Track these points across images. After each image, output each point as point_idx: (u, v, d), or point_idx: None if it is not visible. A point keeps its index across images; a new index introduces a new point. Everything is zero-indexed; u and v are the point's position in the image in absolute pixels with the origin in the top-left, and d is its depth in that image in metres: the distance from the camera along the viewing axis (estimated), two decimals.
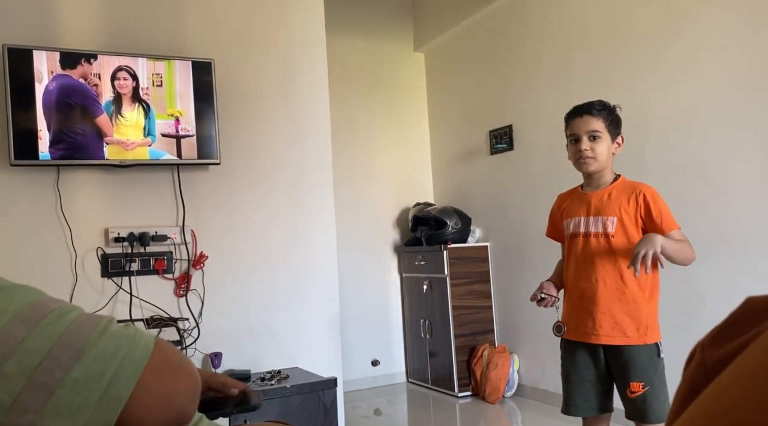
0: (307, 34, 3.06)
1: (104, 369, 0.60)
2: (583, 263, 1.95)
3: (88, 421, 0.58)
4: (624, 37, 3.21)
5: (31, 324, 0.58)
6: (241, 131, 2.86)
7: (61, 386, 0.57)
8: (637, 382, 1.85)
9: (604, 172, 1.97)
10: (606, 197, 1.95)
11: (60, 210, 2.48)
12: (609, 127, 1.94)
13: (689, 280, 2.78)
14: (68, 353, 0.58)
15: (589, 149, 1.92)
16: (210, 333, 2.69)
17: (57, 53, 2.42)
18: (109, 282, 2.55)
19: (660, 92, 3.02)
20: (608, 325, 1.89)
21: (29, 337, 0.57)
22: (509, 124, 3.99)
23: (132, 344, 0.63)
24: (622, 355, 1.89)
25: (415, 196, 4.72)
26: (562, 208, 2.10)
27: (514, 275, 3.98)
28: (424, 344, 4.29)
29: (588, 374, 1.96)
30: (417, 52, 4.90)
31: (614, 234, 1.90)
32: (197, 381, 0.70)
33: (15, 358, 0.56)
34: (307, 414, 2.52)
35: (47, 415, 0.57)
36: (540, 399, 3.74)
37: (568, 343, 2.02)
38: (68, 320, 0.61)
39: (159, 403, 0.63)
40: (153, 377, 0.63)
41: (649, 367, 1.86)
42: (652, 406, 1.84)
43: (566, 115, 2.01)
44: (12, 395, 0.56)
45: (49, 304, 0.62)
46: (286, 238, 2.93)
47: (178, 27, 2.76)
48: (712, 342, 0.27)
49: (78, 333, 0.60)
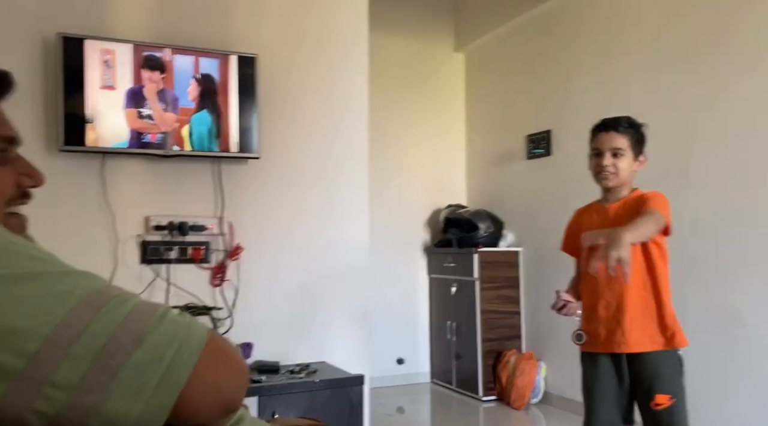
0: (349, 32, 3.07)
1: (163, 354, 0.62)
2: (604, 275, 1.94)
3: (147, 403, 0.60)
4: (670, 44, 3.14)
5: (95, 309, 0.61)
6: (280, 126, 2.89)
7: (123, 369, 0.60)
8: (663, 394, 1.82)
9: (623, 187, 2.00)
10: (621, 209, 1.97)
11: (104, 196, 2.55)
12: (633, 145, 1.96)
13: (725, 297, 2.72)
14: (129, 338, 0.61)
15: (610, 165, 1.94)
16: (242, 323, 2.74)
17: (108, 43, 2.48)
18: (147, 269, 2.61)
19: (706, 101, 2.95)
20: (638, 333, 1.87)
21: (94, 321, 0.60)
22: (548, 129, 3.95)
23: (188, 332, 0.65)
24: (648, 364, 1.86)
25: (448, 198, 4.71)
26: (579, 223, 2.11)
27: (544, 283, 3.94)
28: (450, 346, 4.29)
29: (612, 387, 1.94)
30: (457, 53, 4.88)
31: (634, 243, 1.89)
32: (246, 371, 0.72)
33: (82, 340, 0.59)
34: (333, 409, 2.54)
35: (111, 395, 0.59)
36: (566, 408, 3.70)
37: (591, 356, 2.01)
38: (129, 307, 0.63)
39: (211, 391, 0.65)
40: (206, 365, 0.65)
41: (675, 377, 1.84)
42: (678, 419, 1.81)
43: (592, 128, 2.03)
44: (79, 375, 0.58)
45: (110, 291, 0.64)
46: (319, 234, 2.95)
47: (223, 21, 2.80)
48: None
49: (138, 319, 0.63)
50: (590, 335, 1.98)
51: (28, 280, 0.60)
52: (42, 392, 0.57)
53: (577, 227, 2.11)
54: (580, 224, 2.11)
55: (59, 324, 0.58)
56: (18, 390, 0.57)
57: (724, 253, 2.78)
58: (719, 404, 2.72)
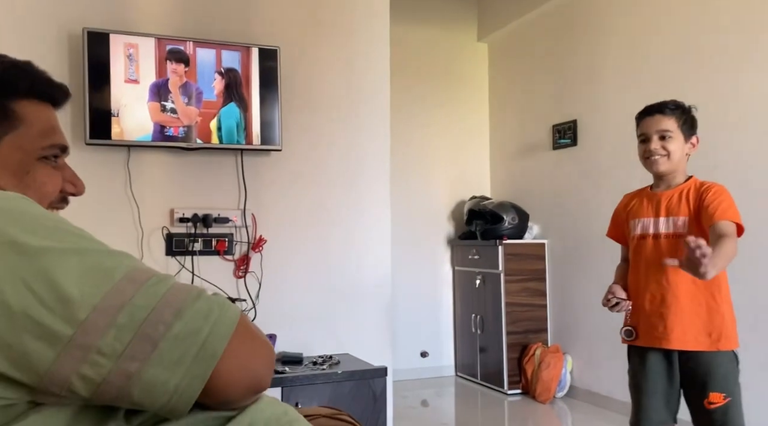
0: (371, 23, 3.05)
1: (200, 327, 0.66)
2: (653, 265, 1.87)
3: (186, 372, 0.64)
4: (699, 29, 3.05)
5: (138, 284, 0.65)
6: (302, 118, 2.89)
7: (164, 340, 0.63)
8: (717, 393, 1.76)
9: (676, 173, 1.89)
10: (676, 197, 1.87)
11: (130, 189, 2.59)
12: (682, 127, 1.86)
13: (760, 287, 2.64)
14: (170, 311, 0.65)
15: (659, 147, 1.85)
16: (266, 315, 2.75)
17: (132, 37, 2.51)
18: (172, 260, 2.64)
19: (735, 88, 2.86)
20: (680, 329, 1.80)
21: (137, 294, 0.64)
22: (574, 119, 3.88)
23: (223, 309, 0.69)
24: (701, 362, 1.80)
25: (472, 189, 4.67)
26: (628, 209, 2.03)
27: (571, 275, 3.88)
28: (475, 339, 4.26)
29: (661, 383, 1.87)
30: (480, 42, 4.82)
31: (687, 234, 1.81)
32: (273, 351, 0.76)
33: (126, 310, 0.63)
34: (356, 401, 2.54)
35: (151, 364, 0.63)
36: (592, 402, 3.65)
37: (638, 351, 1.93)
38: (168, 284, 0.67)
39: (243, 366, 0.69)
40: (239, 341, 0.68)
41: (730, 376, 1.77)
42: (733, 419, 1.74)
43: (637, 115, 1.94)
44: (123, 344, 0.62)
45: (150, 271, 0.69)
46: (341, 226, 2.95)
47: (244, 14, 2.81)
48: None
49: (177, 295, 0.67)
50: (636, 329, 1.91)
51: (78, 255, 0.65)
52: (89, 358, 0.61)
53: (626, 214, 2.03)
54: (628, 211, 2.02)
55: (106, 295, 0.62)
56: (67, 355, 0.60)
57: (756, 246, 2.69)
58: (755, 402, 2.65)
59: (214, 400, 0.68)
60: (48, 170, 0.86)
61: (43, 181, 0.85)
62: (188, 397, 0.65)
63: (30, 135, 0.83)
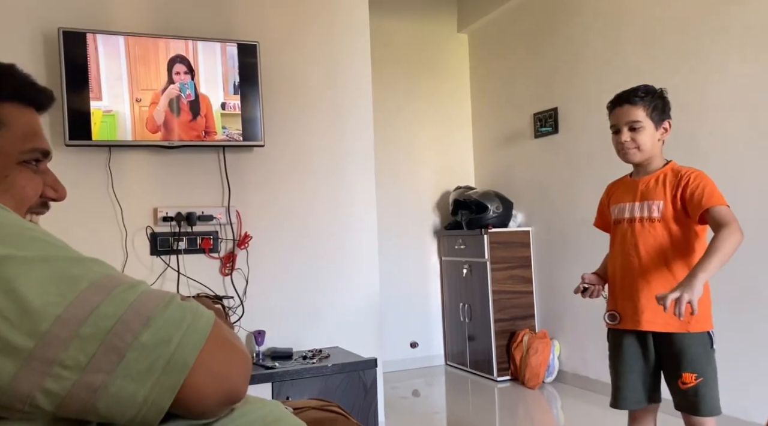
0: (350, 16, 3.05)
1: (171, 335, 0.63)
2: (627, 248, 1.91)
3: (155, 383, 0.62)
4: (676, 17, 3.08)
5: (105, 291, 0.62)
6: (284, 113, 2.89)
7: (131, 349, 0.61)
8: (690, 373, 1.80)
9: (652, 159, 1.92)
10: (653, 182, 1.90)
11: (111, 189, 2.57)
12: (652, 115, 1.87)
13: (744, 272, 2.69)
14: (138, 319, 0.62)
15: (629, 140, 1.87)
16: (254, 311, 2.76)
17: (109, 36, 2.48)
18: (157, 260, 2.63)
19: (717, 72, 2.89)
20: (650, 311, 1.84)
21: (103, 302, 0.61)
22: (554, 106, 3.91)
23: (195, 316, 0.66)
24: (674, 343, 1.84)
25: (456, 180, 4.69)
26: (609, 196, 2.06)
27: (556, 261, 3.92)
28: (463, 328, 4.29)
29: (636, 365, 1.91)
30: (461, 33, 4.83)
31: (660, 218, 1.85)
32: (249, 360, 0.72)
33: (90, 321, 0.60)
34: (347, 393, 2.56)
35: (118, 375, 0.60)
36: (581, 385, 3.70)
37: (615, 334, 1.98)
38: (138, 291, 0.65)
39: (215, 377, 0.66)
40: (211, 350, 0.66)
41: (702, 357, 1.81)
42: (705, 398, 1.79)
43: (608, 104, 1.96)
44: (87, 355, 0.59)
45: (120, 277, 0.66)
46: (327, 220, 2.96)
47: (223, 10, 2.79)
48: None
49: (146, 302, 0.64)
50: (615, 313, 1.96)
51: (42, 263, 0.61)
52: (51, 372, 0.58)
53: (608, 201, 2.06)
54: (609, 198, 2.05)
55: (69, 305, 0.60)
56: (28, 369, 0.58)
57: None
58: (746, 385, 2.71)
59: (186, 410, 0.65)
60: (28, 174, 0.84)
61: (23, 185, 0.83)
62: (158, 409, 0.63)
63: (11, 138, 0.82)
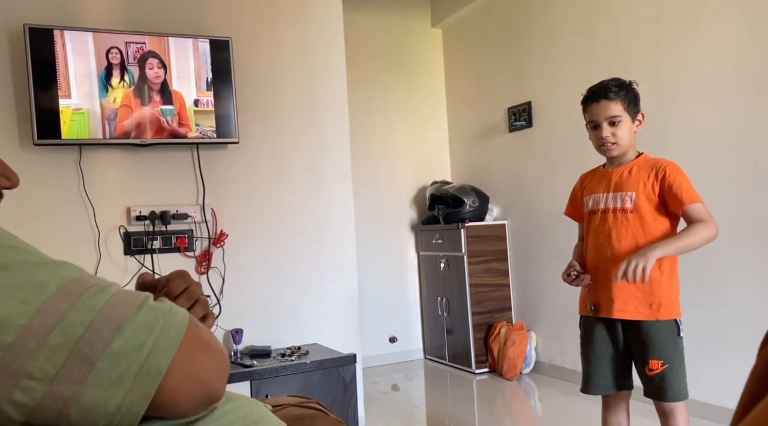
0: (324, 11, 3.03)
1: (143, 341, 0.61)
2: (600, 239, 1.95)
3: (128, 391, 0.60)
4: (647, 10, 3.13)
5: (73, 298, 0.60)
6: (259, 110, 2.86)
7: (102, 358, 0.58)
8: (656, 360, 1.85)
9: (627, 151, 1.95)
10: (626, 173, 1.94)
11: (83, 189, 2.52)
12: (628, 108, 1.90)
13: (712, 259, 2.75)
14: (108, 326, 0.60)
15: (610, 135, 1.90)
16: (231, 310, 2.74)
17: (77, 33, 2.43)
18: (131, 259, 2.59)
19: (685, 65, 2.95)
20: (621, 300, 1.88)
21: (72, 310, 0.59)
22: (528, 100, 3.94)
23: (169, 318, 0.64)
24: (641, 331, 1.88)
25: (433, 174, 4.71)
26: (583, 186, 2.09)
27: (532, 253, 3.97)
28: (442, 322, 4.32)
29: (605, 352, 1.96)
30: (434, 28, 4.84)
31: (632, 209, 1.89)
32: (226, 359, 0.71)
33: (59, 330, 0.57)
34: (327, 389, 2.56)
35: (89, 385, 0.58)
36: (557, 376, 3.75)
37: (586, 321, 2.03)
38: (108, 295, 0.62)
39: (191, 379, 0.64)
40: (187, 352, 0.64)
41: (668, 344, 1.85)
42: (671, 384, 1.84)
43: (583, 100, 1.97)
44: (56, 366, 0.57)
45: (89, 280, 0.63)
46: (304, 217, 2.95)
47: (195, 6, 2.75)
48: None
49: (117, 307, 0.61)
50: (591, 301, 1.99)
51: (3, 271, 0.58)
52: (20, 384, 0.56)
53: (581, 191, 2.09)
54: (583, 188, 2.09)
55: (35, 314, 0.57)
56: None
57: None
58: (707, 369, 2.77)
59: (163, 414, 0.64)
60: None
61: None
62: (132, 417, 0.61)
63: None
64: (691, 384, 1.90)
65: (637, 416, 2.26)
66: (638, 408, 2.28)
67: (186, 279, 0.87)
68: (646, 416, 2.26)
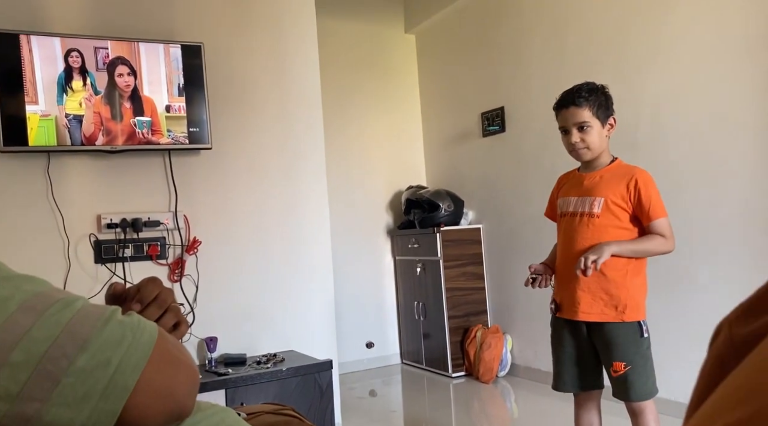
0: (297, 16, 3.03)
1: (110, 357, 0.60)
2: (568, 242, 1.99)
3: (94, 409, 0.58)
4: (617, 16, 3.20)
5: (36, 313, 0.58)
6: (232, 115, 2.84)
7: (67, 375, 0.57)
8: (619, 362, 1.89)
9: (601, 155, 1.99)
10: (598, 178, 1.97)
11: (51, 196, 2.47)
12: (597, 113, 1.93)
13: (680, 260, 2.81)
14: (73, 342, 0.58)
15: (579, 141, 1.93)
16: (205, 318, 2.71)
17: (44, 38, 2.39)
18: (102, 268, 2.55)
19: (652, 71, 3.02)
20: (586, 303, 1.92)
21: (35, 325, 0.57)
22: (501, 106, 3.99)
23: (137, 332, 0.63)
24: (604, 333, 1.92)
25: (408, 179, 4.73)
26: (560, 188, 2.13)
27: (506, 257, 4.00)
28: (418, 326, 4.33)
29: (572, 352, 2.00)
30: (408, 34, 4.87)
31: (599, 215, 1.92)
32: (196, 373, 0.70)
33: (21, 346, 0.56)
34: (303, 396, 2.54)
35: (53, 404, 0.57)
36: (533, 378, 3.79)
37: (555, 322, 2.07)
38: (74, 310, 0.61)
39: (160, 395, 0.63)
40: (155, 368, 0.63)
41: (630, 346, 1.89)
42: (634, 384, 1.88)
43: (554, 106, 2.01)
44: (19, 384, 0.56)
45: (54, 294, 0.61)
46: (279, 222, 2.93)
47: (166, 11, 2.73)
48: (739, 318, 0.28)
49: (83, 322, 0.60)
50: (558, 302, 2.02)
51: None
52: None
53: (557, 193, 2.13)
54: (559, 190, 2.13)
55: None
56: None
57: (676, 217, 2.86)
58: (677, 368, 2.83)
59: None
60: None
61: None
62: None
63: None
64: (661, 383, 1.94)
65: (610, 416, 2.30)
66: (612, 408, 2.31)
67: (158, 285, 0.85)
68: (619, 415, 2.30)
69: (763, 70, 2.59)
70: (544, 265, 2.09)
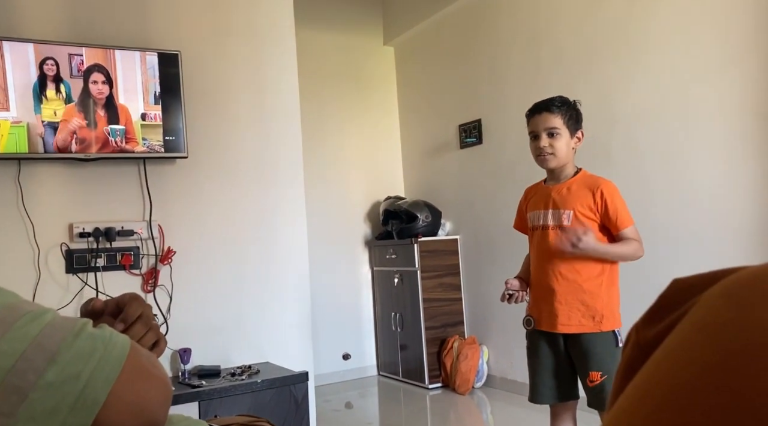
0: (276, 27, 3.03)
1: (80, 371, 0.58)
2: (542, 255, 2.01)
3: (63, 424, 0.57)
4: (590, 32, 3.26)
5: (4, 326, 0.57)
6: (209, 124, 2.82)
7: (35, 390, 0.56)
8: (595, 372, 1.91)
9: (565, 166, 2.02)
10: (565, 191, 2.00)
11: (22, 204, 2.42)
12: (568, 123, 1.98)
13: (652, 269, 2.86)
14: (42, 356, 0.57)
15: (548, 145, 1.96)
16: (179, 329, 2.66)
17: (17, 43, 2.35)
18: (74, 278, 2.49)
19: (625, 86, 3.08)
20: (564, 315, 1.94)
21: (2, 338, 0.56)
22: (478, 118, 4.03)
23: (108, 345, 0.62)
24: (581, 344, 1.94)
25: (386, 190, 4.74)
26: (527, 201, 2.15)
27: (483, 268, 4.02)
28: (395, 337, 4.32)
29: (549, 363, 2.01)
30: (387, 46, 4.90)
31: (569, 227, 1.95)
32: (169, 387, 0.69)
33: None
34: (278, 408, 2.51)
35: (20, 419, 0.55)
36: (509, 389, 3.80)
37: (531, 334, 2.08)
38: (43, 323, 0.59)
39: (131, 410, 0.62)
40: (127, 381, 0.62)
41: (606, 356, 1.91)
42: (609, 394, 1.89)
43: (527, 112, 2.05)
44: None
45: (23, 307, 0.60)
46: (255, 233, 2.90)
47: (143, 18, 2.70)
48: (645, 323, 0.30)
49: (52, 335, 0.59)
50: (533, 317, 2.03)
51: None
52: None
53: (525, 206, 2.16)
54: (527, 203, 2.15)
55: None
56: None
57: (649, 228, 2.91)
58: None
59: None
60: None
61: None
62: None
63: None
64: None
65: None
66: (588, 418, 2.33)
67: (141, 304, 0.84)
68: None
69: (734, 85, 2.66)
70: (519, 279, 2.10)
